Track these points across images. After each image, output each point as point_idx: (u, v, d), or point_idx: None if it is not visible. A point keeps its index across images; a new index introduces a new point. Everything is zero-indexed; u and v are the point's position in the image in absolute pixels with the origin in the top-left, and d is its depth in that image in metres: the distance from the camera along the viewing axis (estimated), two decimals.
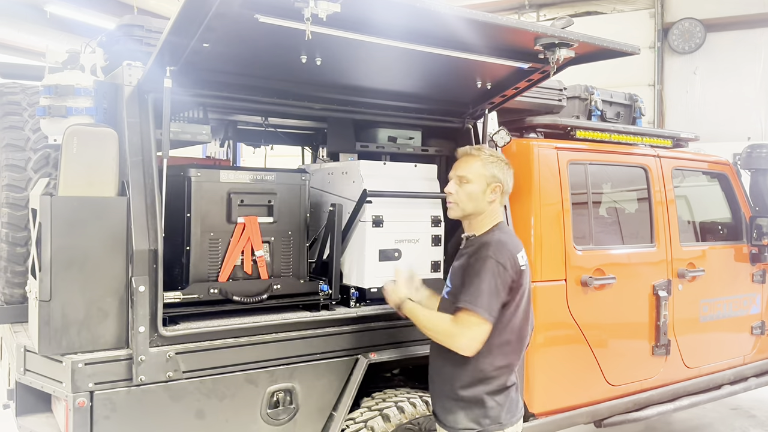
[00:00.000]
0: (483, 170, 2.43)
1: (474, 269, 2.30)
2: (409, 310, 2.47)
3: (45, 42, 9.23)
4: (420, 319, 2.42)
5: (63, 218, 2.27)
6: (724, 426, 5.33)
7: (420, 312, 2.44)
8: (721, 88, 9.78)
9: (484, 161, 2.44)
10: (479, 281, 2.26)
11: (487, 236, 2.40)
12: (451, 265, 2.53)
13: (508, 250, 2.33)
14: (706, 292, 4.33)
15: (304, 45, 2.40)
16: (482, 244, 2.36)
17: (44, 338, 2.27)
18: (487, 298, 2.25)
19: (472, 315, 2.26)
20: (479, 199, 2.44)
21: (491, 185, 2.43)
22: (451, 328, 2.31)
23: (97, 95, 2.52)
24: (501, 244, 2.33)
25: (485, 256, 2.30)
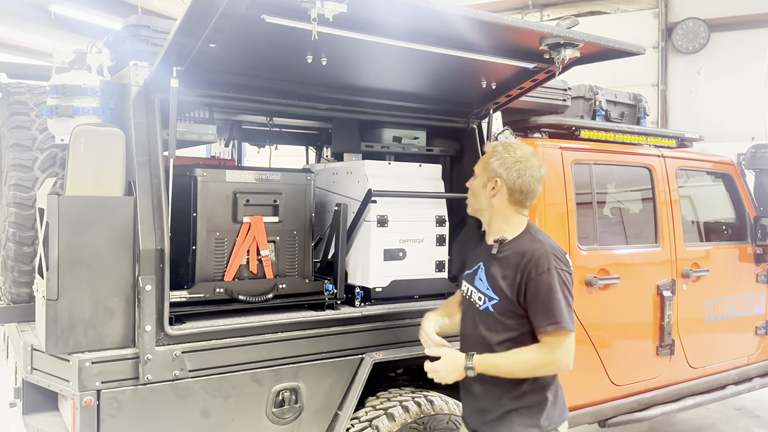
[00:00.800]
0: (486, 165, 2.37)
1: (544, 286, 2.18)
2: (482, 369, 2.24)
3: (49, 42, 9.26)
4: (503, 368, 2.24)
5: (70, 218, 2.28)
6: (728, 426, 5.33)
7: (496, 366, 2.24)
8: (725, 88, 9.76)
9: (490, 156, 2.37)
10: (556, 297, 2.17)
11: (533, 242, 2.28)
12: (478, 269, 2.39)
13: (564, 255, 2.26)
14: (711, 293, 4.33)
15: (310, 45, 2.41)
16: (536, 254, 2.22)
17: (51, 337, 2.28)
18: (567, 310, 2.18)
19: (563, 333, 2.17)
20: (480, 194, 2.39)
21: (491, 180, 2.34)
22: (549, 356, 2.19)
23: (103, 95, 2.54)
24: (557, 251, 2.25)
25: (549, 267, 2.19)
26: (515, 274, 2.24)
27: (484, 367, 2.24)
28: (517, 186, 2.31)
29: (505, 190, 2.32)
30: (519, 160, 2.32)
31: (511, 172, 2.31)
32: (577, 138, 3.95)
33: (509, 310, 2.25)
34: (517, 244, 2.30)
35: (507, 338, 2.27)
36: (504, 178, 2.32)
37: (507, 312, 2.26)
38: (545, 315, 2.17)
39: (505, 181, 2.32)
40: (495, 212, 2.36)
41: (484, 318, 2.32)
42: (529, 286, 2.20)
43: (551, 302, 2.17)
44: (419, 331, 2.52)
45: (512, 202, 2.34)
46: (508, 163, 2.31)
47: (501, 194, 2.33)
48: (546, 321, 2.17)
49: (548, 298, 2.18)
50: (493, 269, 2.32)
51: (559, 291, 2.18)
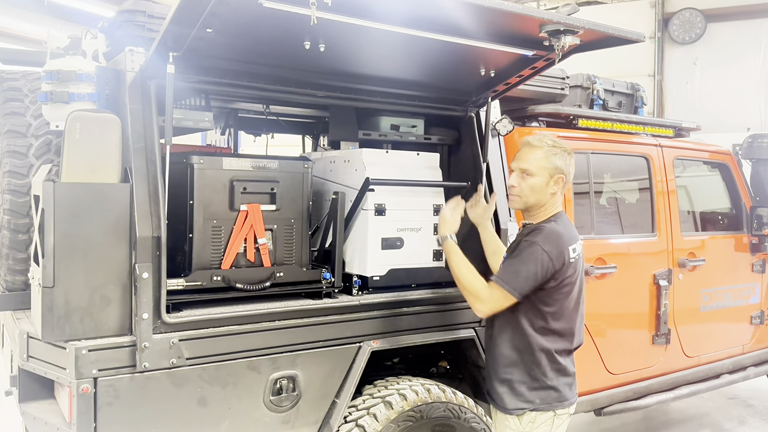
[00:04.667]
0: (546, 162, 2.45)
1: (520, 251, 2.39)
2: (448, 249, 2.57)
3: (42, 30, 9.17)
4: (453, 263, 2.53)
5: (66, 205, 2.25)
6: (722, 415, 5.37)
7: (457, 258, 2.53)
8: (721, 79, 9.77)
9: (547, 152, 2.45)
10: (520, 264, 2.36)
11: (543, 224, 2.46)
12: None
13: (559, 240, 2.38)
14: (707, 282, 4.35)
15: (308, 31, 2.38)
16: (536, 229, 2.43)
17: (47, 325, 2.26)
18: (523, 281, 2.35)
19: (502, 291, 2.38)
20: (543, 191, 2.48)
21: (554, 177, 2.46)
22: (482, 292, 2.43)
23: (99, 81, 2.50)
24: (553, 234, 2.39)
25: (533, 241, 2.37)
26: (516, 243, 2.50)
27: (446, 248, 2.59)
28: (571, 178, 2.55)
29: (563, 185, 2.50)
30: (570, 153, 2.51)
31: (569, 166, 2.50)
32: (575, 127, 3.95)
33: None
34: (534, 228, 2.47)
35: (510, 310, 2.45)
36: (566, 173, 2.49)
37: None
38: (505, 270, 2.42)
39: (566, 176, 2.49)
40: (549, 205, 2.51)
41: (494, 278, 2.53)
42: (514, 250, 2.46)
43: (514, 266, 2.39)
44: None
45: (563, 193, 2.54)
46: (567, 159, 2.52)
47: (560, 189, 2.49)
48: (501, 275, 2.41)
49: (514, 261, 2.40)
50: (511, 249, 2.55)
51: (527, 262, 2.35)
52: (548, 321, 2.43)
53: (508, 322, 2.49)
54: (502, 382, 2.51)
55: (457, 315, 3.10)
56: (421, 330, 2.99)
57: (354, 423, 2.72)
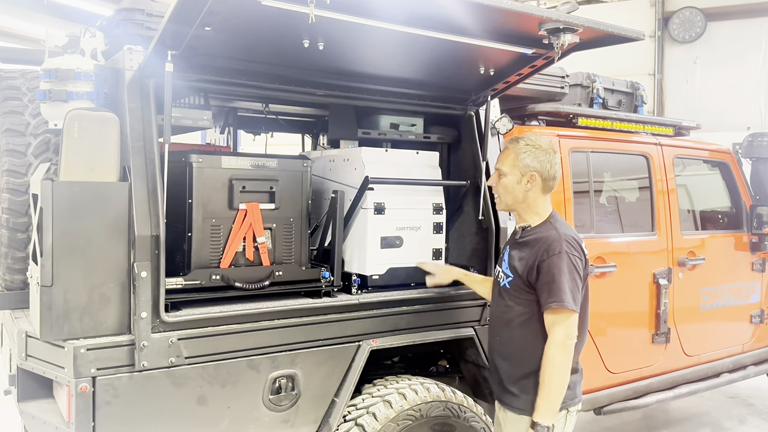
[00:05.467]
0: (516, 161, 2.51)
1: (553, 267, 2.36)
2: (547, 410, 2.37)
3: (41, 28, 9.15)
4: (552, 390, 2.37)
5: (64, 203, 2.25)
6: (722, 414, 5.37)
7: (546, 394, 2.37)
8: (721, 78, 9.76)
9: (518, 152, 2.51)
10: (562, 278, 2.35)
11: (549, 229, 2.47)
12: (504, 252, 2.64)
13: (576, 242, 2.44)
14: (706, 281, 4.34)
15: (307, 29, 2.38)
16: (550, 239, 2.42)
17: (46, 324, 2.26)
18: (571, 291, 2.35)
19: (563, 311, 2.35)
20: (516, 190, 2.52)
21: (525, 175, 2.49)
22: (555, 338, 2.36)
23: (97, 80, 2.50)
24: (569, 238, 2.43)
25: (560, 251, 2.38)
26: (529, 256, 2.44)
27: (547, 411, 2.36)
28: (551, 175, 2.52)
29: (540, 181, 2.50)
30: (546, 150, 2.52)
31: (544, 163, 2.50)
32: (575, 126, 3.94)
33: (520, 286, 2.47)
34: (537, 231, 2.50)
35: (520, 313, 2.48)
36: (539, 171, 2.49)
37: (519, 289, 2.48)
38: (550, 294, 2.36)
39: (540, 173, 2.49)
40: (530, 204, 2.54)
41: (503, 294, 2.56)
42: (541, 268, 2.39)
43: (556, 282, 2.35)
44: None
45: (545, 191, 2.54)
46: (540, 156, 2.49)
47: (536, 186, 2.51)
48: (550, 299, 2.35)
49: (554, 279, 2.35)
50: (514, 251, 2.55)
51: (566, 273, 2.36)
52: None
53: (527, 325, 2.47)
54: (519, 384, 2.48)
55: (456, 314, 3.09)
56: (421, 329, 2.99)
57: (353, 422, 2.72)
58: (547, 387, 2.36)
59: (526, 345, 2.46)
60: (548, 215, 2.54)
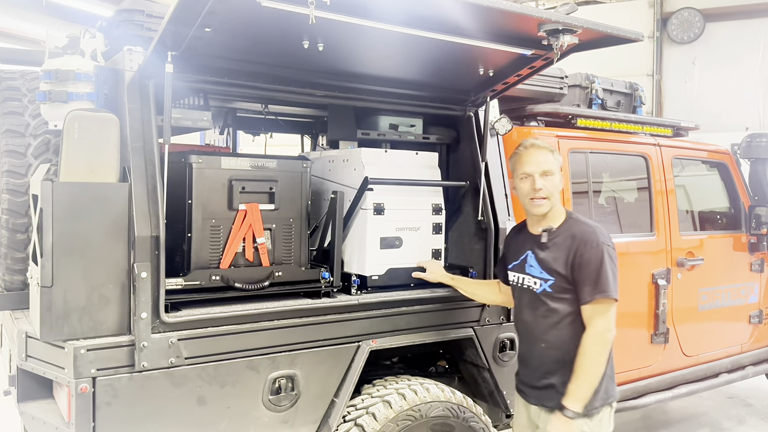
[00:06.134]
0: (554, 161, 2.57)
1: (593, 260, 2.40)
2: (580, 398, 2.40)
3: (41, 29, 9.14)
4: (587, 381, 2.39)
5: (64, 204, 2.25)
6: (721, 414, 5.37)
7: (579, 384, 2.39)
8: (720, 78, 9.77)
9: (552, 151, 2.58)
10: (604, 269, 2.38)
11: (578, 224, 2.52)
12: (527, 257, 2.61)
13: (608, 234, 2.48)
14: (705, 281, 4.35)
15: (307, 30, 2.38)
16: (585, 233, 2.46)
17: (46, 324, 2.26)
18: (613, 282, 2.40)
19: (608, 301, 2.38)
20: (559, 186, 2.58)
21: (560, 172, 2.58)
22: (597, 329, 2.39)
23: (97, 80, 2.50)
24: (600, 229, 2.48)
25: (597, 243, 2.42)
26: (567, 255, 2.46)
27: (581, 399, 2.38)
28: None
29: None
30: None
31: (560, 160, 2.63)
32: (574, 126, 3.95)
33: (564, 287, 2.48)
34: (564, 230, 2.53)
35: (567, 313, 2.48)
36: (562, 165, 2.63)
37: (563, 289, 2.48)
38: (594, 286, 2.39)
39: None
40: (557, 200, 2.60)
41: (543, 299, 2.54)
42: (581, 261, 2.42)
43: (600, 274, 2.38)
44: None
45: None
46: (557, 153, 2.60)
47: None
48: (595, 290, 2.38)
49: (597, 271, 2.39)
50: (544, 255, 2.54)
51: (607, 264, 2.40)
52: None
53: (577, 322, 2.46)
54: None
55: (455, 314, 3.10)
56: (420, 329, 2.99)
57: (353, 422, 2.72)
58: (583, 376, 2.37)
59: (578, 345, 2.44)
60: (566, 212, 2.59)
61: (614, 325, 2.42)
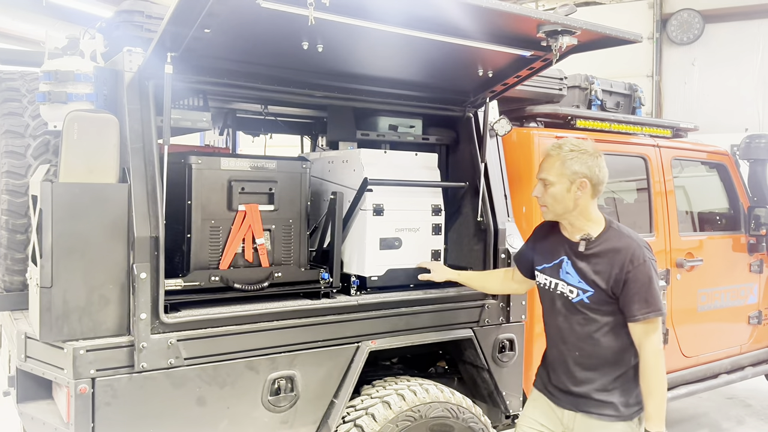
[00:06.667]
0: (563, 169, 2.41)
1: (641, 276, 2.32)
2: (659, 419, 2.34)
3: (41, 30, 9.14)
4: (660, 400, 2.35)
5: (64, 205, 2.25)
6: (720, 415, 5.38)
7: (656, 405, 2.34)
8: (719, 80, 9.78)
9: (564, 159, 2.41)
10: (654, 286, 2.33)
11: (622, 237, 2.40)
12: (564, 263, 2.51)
13: (649, 246, 2.40)
14: (705, 282, 4.35)
15: (306, 31, 2.39)
16: (631, 248, 2.35)
17: (45, 325, 2.26)
18: (659, 297, 2.35)
19: (658, 318, 2.33)
20: (565, 198, 2.42)
21: (576, 182, 2.40)
22: (652, 346, 2.34)
23: (97, 81, 2.50)
24: (645, 243, 2.40)
25: (644, 258, 2.34)
26: (611, 269, 2.36)
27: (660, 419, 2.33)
28: (600, 179, 2.43)
29: (590, 187, 2.42)
30: (593, 154, 2.44)
31: (593, 168, 2.41)
32: (573, 127, 3.95)
33: (604, 300, 2.39)
34: (605, 241, 2.41)
35: (605, 323, 2.42)
36: (588, 176, 2.41)
37: (602, 302, 2.40)
38: (645, 303, 2.32)
39: (589, 179, 2.41)
40: (582, 211, 2.46)
41: (579, 309, 2.45)
42: (628, 278, 2.33)
43: (650, 291, 2.32)
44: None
45: (594, 196, 2.45)
46: (588, 161, 2.41)
47: (587, 193, 2.42)
48: (646, 308, 2.31)
49: (647, 288, 2.32)
50: (582, 264, 2.43)
51: (654, 280, 2.34)
52: None
53: (612, 333, 2.42)
54: (609, 392, 2.43)
55: (455, 315, 3.10)
56: (419, 330, 2.99)
57: (352, 423, 2.72)
58: (657, 396, 2.33)
59: (615, 352, 2.41)
60: (606, 221, 2.46)
61: (659, 340, 2.38)
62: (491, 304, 3.20)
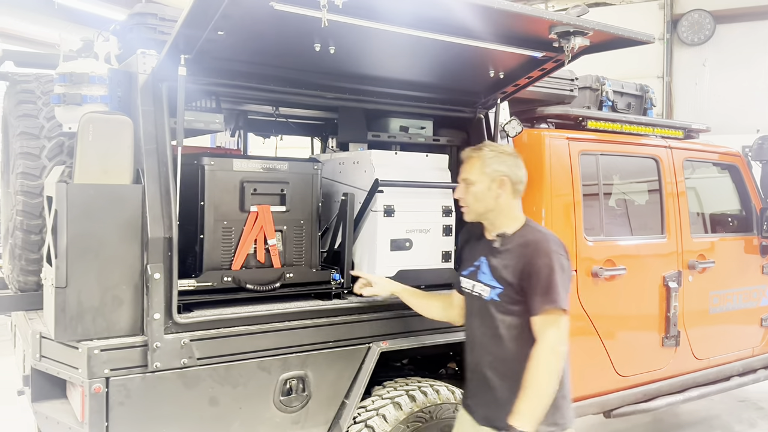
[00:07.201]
0: (484, 168, 2.41)
1: (544, 267, 2.25)
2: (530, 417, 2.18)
3: (52, 33, 9.22)
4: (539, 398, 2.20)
5: (79, 206, 2.28)
6: (732, 418, 5.34)
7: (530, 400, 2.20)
8: (731, 80, 9.72)
9: (484, 159, 2.41)
10: (555, 279, 2.25)
11: (533, 232, 2.37)
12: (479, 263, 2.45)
13: (562, 244, 2.35)
14: (717, 284, 4.32)
15: (318, 33, 2.40)
16: (536, 240, 2.32)
17: (60, 325, 2.28)
18: (564, 292, 2.26)
19: (558, 312, 2.24)
20: (486, 197, 2.41)
21: (495, 180, 2.39)
22: (548, 341, 2.22)
23: (111, 83, 2.53)
24: (553, 237, 2.36)
25: (549, 250, 2.28)
26: (518, 263, 2.32)
27: (529, 418, 2.18)
28: (519, 178, 2.44)
29: (510, 185, 2.41)
30: (512, 155, 2.46)
31: (512, 167, 2.43)
32: (584, 128, 3.94)
33: (511, 296, 2.33)
34: (519, 236, 2.38)
35: (513, 325, 2.33)
36: (508, 175, 2.41)
37: (511, 300, 2.33)
38: (544, 296, 2.25)
39: (509, 177, 2.41)
40: (501, 210, 2.44)
41: (490, 309, 2.38)
42: (532, 271, 2.27)
43: (551, 284, 2.24)
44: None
45: (515, 195, 2.44)
46: (507, 161, 2.42)
47: (507, 191, 2.41)
48: (546, 301, 2.24)
49: (548, 281, 2.25)
50: (496, 261, 2.39)
51: (558, 273, 2.26)
52: None
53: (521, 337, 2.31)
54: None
55: None
56: (430, 331, 2.99)
57: (363, 424, 2.73)
58: (533, 392, 2.19)
59: (525, 358, 2.26)
60: (524, 220, 2.44)
61: (567, 338, 2.26)
62: None
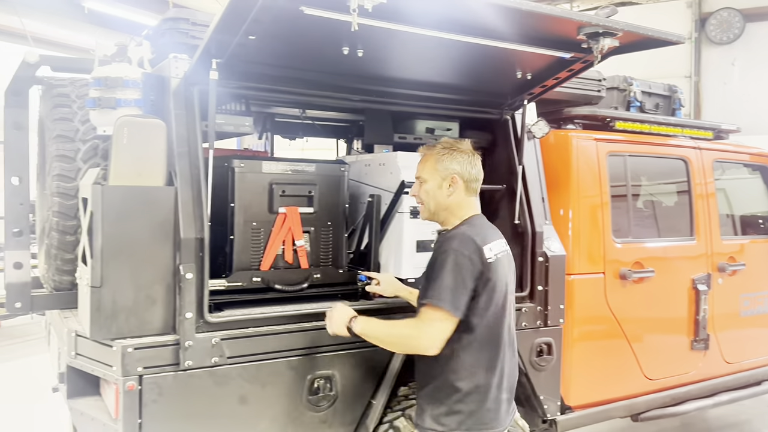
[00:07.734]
0: (436, 165, 2.40)
1: (438, 263, 2.24)
2: (363, 329, 2.32)
3: (82, 38, 9.42)
4: (378, 335, 2.32)
5: (113, 207, 2.33)
6: (763, 423, 5.24)
7: (373, 325, 2.33)
8: (761, 80, 9.53)
9: (437, 156, 2.41)
10: (443, 275, 2.20)
11: (457, 229, 2.35)
12: None
13: (473, 242, 2.25)
14: (747, 287, 4.26)
15: (347, 37, 2.42)
16: (446, 238, 2.32)
17: (95, 323, 2.33)
18: (452, 292, 2.18)
19: (436, 310, 2.19)
20: (438, 195, 2.40)
21: (446, 179, 2.38)
22: (410, 329, 2.26)
23: (144, 87, 2.58)
24: (466, 237, 2.27)
25: (448, 248, 2.24)
26: (432, 257, 2.33)
27: (362, 329, 2.31)
28: (473, 176, 2.42)
29: (462, 183, 2.39)
30: (465, 152, 2.42)
31: (465, 165, 2.40)
32: (612, 129, 3.91)
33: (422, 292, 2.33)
34: (449, 233, 2.37)
35: None
36: (459, 173, 2.38)
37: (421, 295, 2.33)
38: (427, 289, 2.24)
39: (461, 175, 2.39)
40: (453, 209, 2.42)
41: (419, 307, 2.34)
42: (430, 264, 2.30)
43: (437, 279, 2.21)
44: None
45: (468, 193, 2.43)
46: (459, 158, 2.40)
47: (459, 189, 2.40)
48: (425, 294, 2.24)
49: (436, 275, 2.22)
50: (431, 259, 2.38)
51: (450, 272, 2.20)
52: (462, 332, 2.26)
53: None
54: (423, 398, 2.36)
55: None
56: None
57: (389, 424, 2.75)
58: (381, 330, 2.31)
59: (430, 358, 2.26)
60: (467, 218, 2.40)
61: (438, 341, 2.19)
62: (528, 307, 3.19)
